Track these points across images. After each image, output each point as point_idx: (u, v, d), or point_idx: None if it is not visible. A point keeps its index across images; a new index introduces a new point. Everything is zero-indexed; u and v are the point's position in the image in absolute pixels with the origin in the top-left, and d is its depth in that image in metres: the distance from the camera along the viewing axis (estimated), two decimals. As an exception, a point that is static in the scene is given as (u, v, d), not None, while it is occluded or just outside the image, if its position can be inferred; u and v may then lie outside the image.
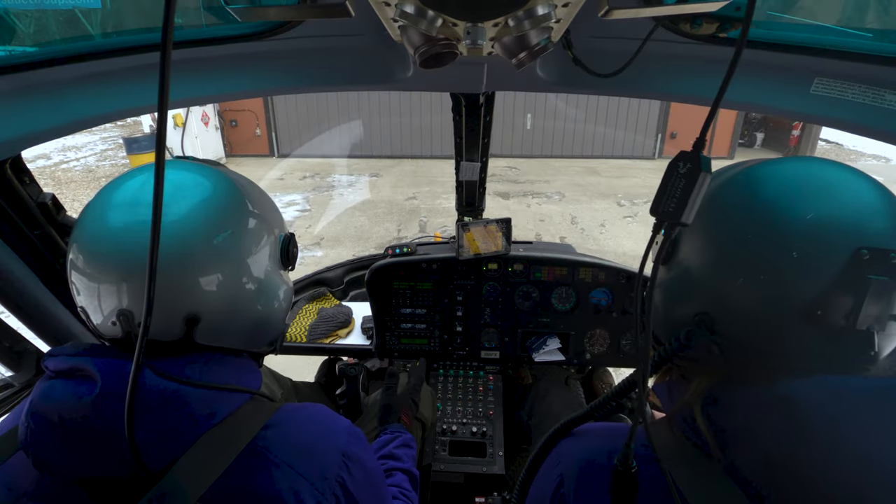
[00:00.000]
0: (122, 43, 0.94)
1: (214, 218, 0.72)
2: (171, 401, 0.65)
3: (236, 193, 0.77)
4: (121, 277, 0.66)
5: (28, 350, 1.22)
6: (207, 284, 0.71)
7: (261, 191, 0.86)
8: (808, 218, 0.56)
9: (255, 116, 12.83)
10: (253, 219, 0.78)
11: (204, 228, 0.70)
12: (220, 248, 0.71)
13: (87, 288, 0.68)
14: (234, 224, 0.74)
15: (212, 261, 0.71)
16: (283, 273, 0.87)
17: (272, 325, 0.86)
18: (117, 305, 0.67)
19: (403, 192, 9.76)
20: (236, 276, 0.74)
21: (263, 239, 0.79)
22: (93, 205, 0.71)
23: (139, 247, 0.65)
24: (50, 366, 0.67)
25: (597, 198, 9.45)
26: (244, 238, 0.75)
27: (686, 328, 0.63)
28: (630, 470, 0.60)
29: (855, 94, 0.89)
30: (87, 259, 0.67)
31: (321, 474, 0.71)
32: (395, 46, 1.03)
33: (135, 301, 0.66)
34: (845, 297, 0.53)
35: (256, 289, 0.78)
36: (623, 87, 1.12)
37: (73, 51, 0.90)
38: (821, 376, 0.54)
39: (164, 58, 0.43)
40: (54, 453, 0.63)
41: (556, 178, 10.91)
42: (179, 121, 11.05)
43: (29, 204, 1.08)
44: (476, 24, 0.67)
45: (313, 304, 2.27)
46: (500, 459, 1.66)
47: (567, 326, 1.94)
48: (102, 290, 0.67)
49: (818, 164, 0.62)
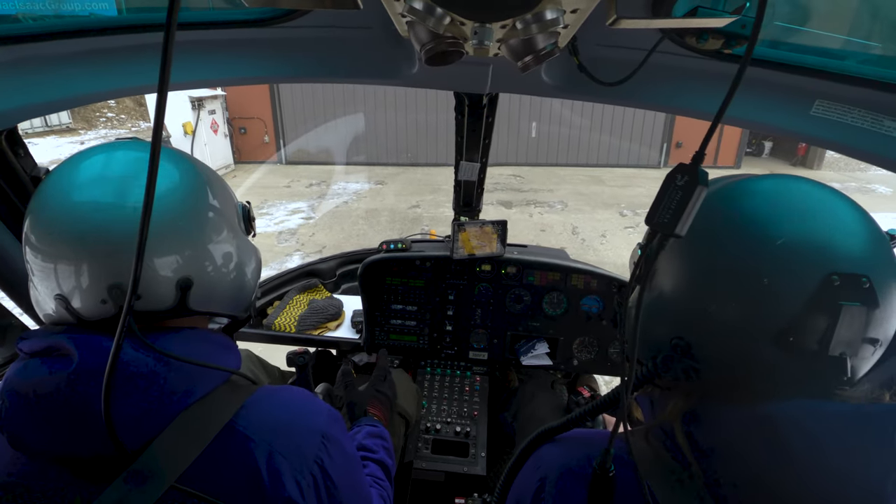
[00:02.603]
0: (125, 20, 0.93)
1: (191, 188, 0.76)
2: (149, 377, 0.65)
3: (198, 170, 0.81)
4: (109, 253, 0.66)
5: (13, 325, 1.21)
6: (193, 250, 0.74)
7: (211, 169, 0.89)
8: (778, 243, 0.55)
9: (263, 124, 12.83)
10: (217, 190, 0.82)
11: (187, 200, 0.74)
12: (198, 216, 0.75)
13: (65, 272, 0.66)
14: (205, 194, 0.78)
15: (193, 228, 0.74)
16: (249, 239, 0.93)
17: (247, 288, 0.91)
18: (107, 281, 0.66)
19: (407, 200, 9.74)
20: (215, 241, 0.78)
21: (231, 208, 0.85)
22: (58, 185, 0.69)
23: (119, 221, 0.66)
24: (24, 348, 0.66)
25: (599, 207, 9.45)
26: (220, 207, 0.80)
27: (662, 353, 0.63)
28: (608, 473, 0.60)
29: (854, 118, 0.89)
30: (63, 243, 0.66)
31: (300, 453, 0.71)
32: (401, 42, 1.03)
33: (125, 274, 0.66)
34: (817, 323, 0.53)
35: (235, 253, 0.84)
36: (626, 97, 1.12)
37: (75, 25, 0.89)
38: (799, 399, 0.54)
39: (167, 38, 0.42)
40: (30, 431, 0.62)
41: (560, 187, 10.90)
42: (189, 129, 11.06)
43: (22, 177, 1.07)
44: (484, 25, 0.67)
45: (304, 294, 2.27)
46: (482, 460, 1.66)
47: (556, 331, 1.95)
48: (87, 270, 0.66)
49: (793, 184, 0.62)
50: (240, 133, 12.87)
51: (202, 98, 11.22)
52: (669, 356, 0.62)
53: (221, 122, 12.12)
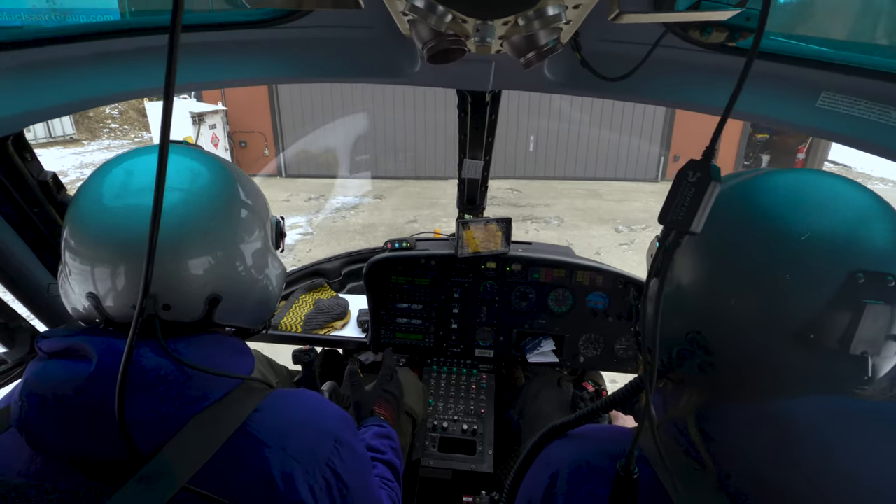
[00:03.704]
0: (130, 24, 0.93)
1: (226, 200, 0.76)
2: (165, 381, 0.65)
3: (235, 179, 0.81)
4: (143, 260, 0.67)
5: (22, 327, 1.22)
6: (226, 266, 0.75)
7: (248, 178, 0.89)
8: (802, 239, 0.54)
9: (263, 137, 12.84)
10: (255, 202, 0.83)
11: (223, 210, 0.75)
12: (239, 229, 0.77)
13: (102, 275, 0.68)
14: (244, 206, 0.79)
15: (228, 242, 0.75)
16: (277, 253, 0.93)
17: (271, 303, 0.92)
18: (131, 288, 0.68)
19: (405, 214, 9.66)
20: (248, 256, 0.79)
21: (265, 222, 0.86)
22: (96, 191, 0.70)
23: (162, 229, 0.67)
24: (44, 347, 0.67)
25: (595, 223, 9.27)
26: (255, 220, 0.81)
27: (678, 346, 0.62)
28: (632, 476, 0.59)
29: (861, 110, 0.89)
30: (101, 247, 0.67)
31: (312, 457, 0.71)
32: (403, 40, 1.03)
33: (158, 283, 0.68)
34: (839, 321, 0.52)
35: (262, 268, 0.84)
36: (630, 92, 1.12)
37: (79, 29, 0.90)
38: (814, 396, 0.53)
39: (172, 40, 0.43)
40: (49, 432, 0.62)
41: (557, 202, 10.70)
42: (190, 142, 11.07)
43: (30, 181, 1.08)
44: (486, 22, 0.66)
45: (310, 294, 2.27)
46: (489, 458, 1.67)
47: (562, 329, 1.94)
48: (123, 274, 0.68)
49: (818, 178, 0.60)
50: (240, 147, 12.92)
51: (203, 113, 11.30)
52: (685, 350, 0.61)
53: (222, 136, 12.17)
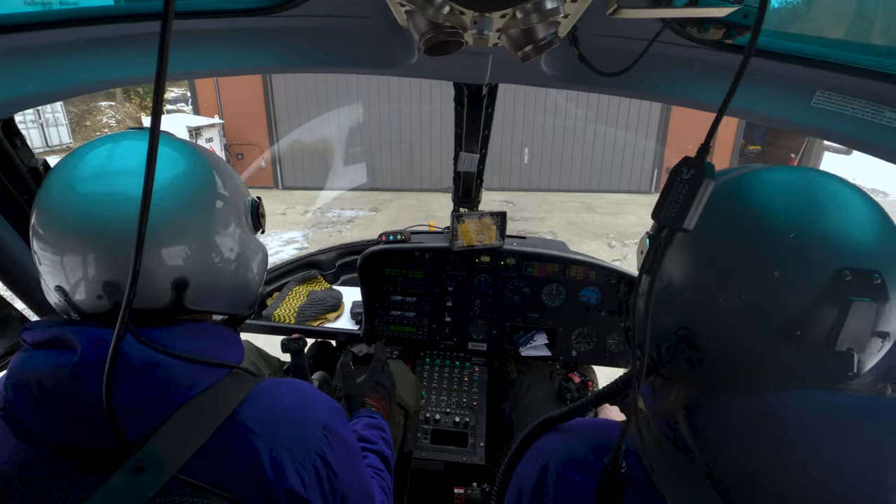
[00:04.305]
0: (122, 9, 0.92)
1: (193, 186, 0.74)
2: (151, 370, 0.65)
3: (206, 164, 0.79)
4: (107, 249, 0.66)
5: (12, 316, 1.21)
6: (193, 249, 0.72)
7: (224, 162, 0.88)
8: (791, 236, 0.54)
9: (260, 150, 12.70)
10: (227, 185, 0.81)
11: (186, 196, 0.72)
12: (202, 213, 0.74)
13: (66, 264, 0.67)
14: (213, 190, 0.77)
15: (195, 226, 0.73)
16: (256, 236, 0.91)
17: (252, 287, 0.90)
18: (102, 278, 0.66)
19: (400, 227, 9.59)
20: (218, 240, 0.77)
21: (238, 204, 0.83)
22: (60, 179, 0.69)
23: (119, 218, 0.65)
24: (28, 338, 0.67)
25: (589, 237, 9.23)
26: (223, 203, 0.78)
27: (667, 342, 0.63)
28: (619, 470, 0.60)
29: (855, 109, 0.89)
30: (62, 235, 0.66)
31: (302, 446, 0.71)
32: (400, 32, 1.02)
33: (121, 272, 0.66)
34: (826, 317, 0.52)
35: (236, 251, 0.82)
36: (626, 87, 1.12)
37: (71, 14, 0.88)
38: (800, 391, 0.54)
39: (164, 27, 0.42)
40: (34, 421, 0.62)
41: (552, 216, 10.61)
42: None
43: (20, 168, 1.06)
44: (483, 14, 0.66)
45: (304, 286, 2.27)
46: (481, 450, 1.68)
47: (555, 323, 1.95)
48: (82, 265, 0.66)
49: (804, 176, 0.61)
50: (237, 159, 12.80)
51: (199, 127, 11.22)
52: (674, 346, 0.62)
53: (219, 149, 12.07)
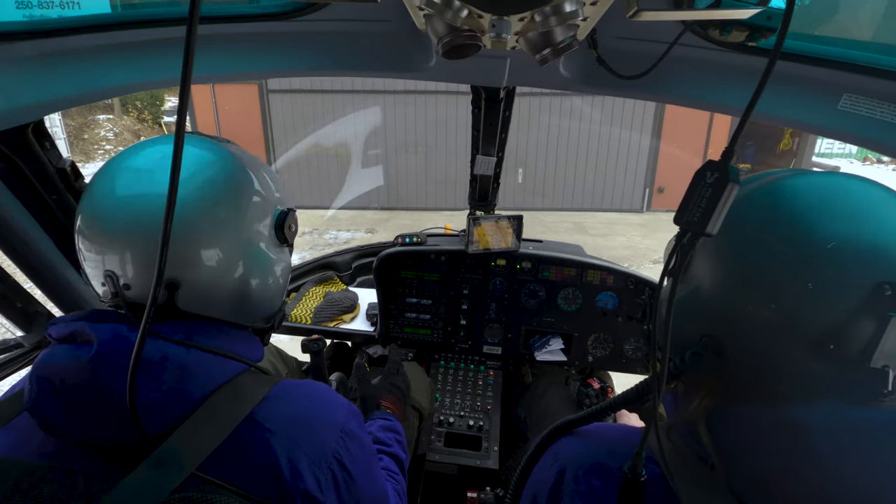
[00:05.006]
0: (147, 15, 0.94)
1: (203, 190, 0.73)
2: (170, 365, 0.66)
3: (231, 168, 0.77)
4: (107, 240, 0.70)
5: (39, 312, 1.24)
6: (190, 253, 0.72)
7: (261, 165, 0.86)
8: (828, 247, 0.52)
9: None
10: (245, 195, 0.78)
11: (192, 200, 0.72)
12: (207, 218, 0.73)
13: (84, 252, 0.73)
14: (223, 197, 0.75)
15: (196, 230, 0.73)
16: (279, 249, 0.87)
17: (264, 300, 0.86)
18: (104, 267, 0.71)
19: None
20: (220, 247, 0.75)
21: (254, 215, 0.80)
22: (100, 173, 0.74)
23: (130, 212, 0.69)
24: (52, 333, 0.69)
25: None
26: (231, 212, 0.76)
27: (691, 349, 0.61)
28: (639, 478, 0.59)
29: (883, 113, 0.87)
30: (85, 223, 0.72)
31: (319, 448, 0.72)
32: (418, 35, 1.03)
33: (118, 263, 0.70)
34: (862, 332, 0.50)
35: (243, 262, 0.79)
36: (645, 91, 1.11)
37: (99, 20, 0.91)
38: (830, 405, 0.52)
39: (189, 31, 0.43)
40: (57, 415, 0.64)
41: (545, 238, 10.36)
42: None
43: (48, 169, 1.10)
44: (502, 17, 0.66)
45: (320, 287, 2.29)
46: (494, 454, 1.67)
47: (571, 327, 1.94)
48: (95, 253, 0.71)
49: (846, 182, 0.58)
50: None
51: None
52: (699, 353, 0.60)
53: None
